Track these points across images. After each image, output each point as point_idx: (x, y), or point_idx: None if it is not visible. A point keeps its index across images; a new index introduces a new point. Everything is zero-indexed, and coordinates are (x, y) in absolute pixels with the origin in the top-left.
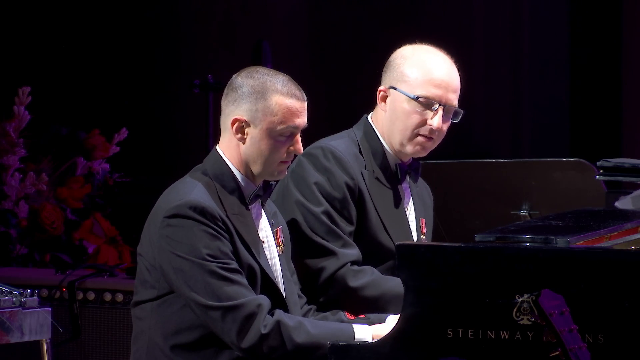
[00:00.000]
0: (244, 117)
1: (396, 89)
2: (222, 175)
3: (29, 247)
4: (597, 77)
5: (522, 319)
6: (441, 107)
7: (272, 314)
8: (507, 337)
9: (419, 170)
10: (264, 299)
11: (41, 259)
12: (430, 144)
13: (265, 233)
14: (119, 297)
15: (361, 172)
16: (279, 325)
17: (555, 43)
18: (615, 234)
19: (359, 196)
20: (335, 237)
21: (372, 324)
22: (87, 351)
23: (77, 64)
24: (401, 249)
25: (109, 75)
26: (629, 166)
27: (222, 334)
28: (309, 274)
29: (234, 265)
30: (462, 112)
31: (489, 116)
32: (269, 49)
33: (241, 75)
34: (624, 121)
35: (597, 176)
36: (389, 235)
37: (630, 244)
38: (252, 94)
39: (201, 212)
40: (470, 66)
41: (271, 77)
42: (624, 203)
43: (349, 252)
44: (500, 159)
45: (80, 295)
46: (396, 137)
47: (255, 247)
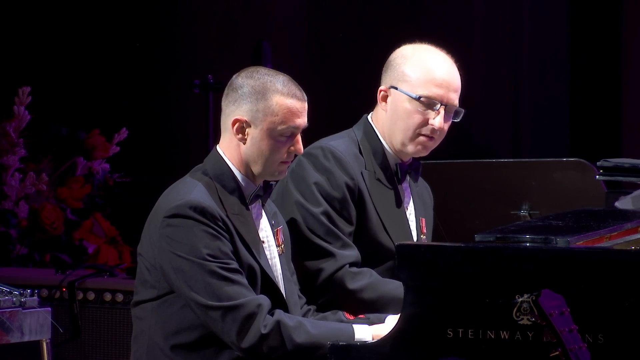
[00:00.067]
0: (244, 118)
1: (397, 89)
2: (222, 175)
3: (29, 247)
4: (597, 77)
5: (522, 319)
6: (443, 107)
7: (272, 314)
8: (507, 337)
9: (419, 170)
10: (264, 299)
11: (41, 259)
12: (431, 144)
13: (265, 233)
14: (119, 297)
15: (361, 172)
16: (279, 325)
17: (555, 43)
18: (615, 234)
19: (358, 196)
20: (334, 238)
21: (372, 324)
22: (87, 351)
23: (77, 64)
24: (401, 249)
25: (109, 75)
26: (629, 166)
27: (222, 334)
28: (308, 275)
29: (234, 265)
30: (463, 111)
31: (489, 116)
32: (269, 49)
33: (241, 76)
34: (624, 121)
35: (597, 176)
36: (388, 236)
37: (630, 244)
38: (252, 94)
39: (201, 212)
40: (470, 66)
41: (272, 78)
42: (624, 203)
43: (347, 254)
44: (500, 159)
45: (80, 295)
46: (397, 137)
47: (256, 247)
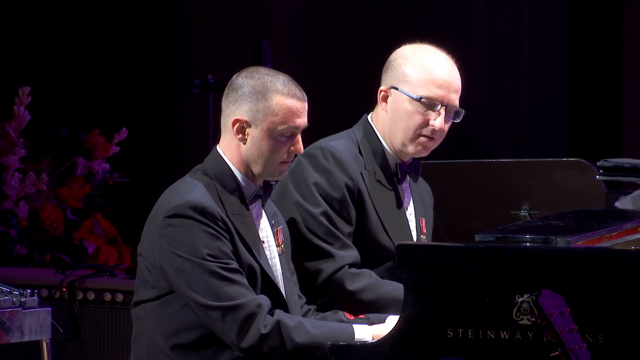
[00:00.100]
0: (244, 118)
1: (397, 89)
2: (222, 175)
3: (29, 247)
4: (597, 77)
5: (522, 319)
6: (443, 108)
7: (272, 314)
8: (507, 337)
9: (419, 170)
10: (264, 299)
11: (41, 259)
12: (431, 144)
13: (265, 233)
14: (119, 297)
15: (361, 173)
16: (279, 325)
17: (555, 43)
18: (615, 234)
19: (358, 197)
20: (333, 239)
21: (372, 324)
22: (87, 351)
23: (77, 64)
24: (401, 249)
25: (108, 76)
26: (629, 166)
27: (222, 334)
28: (307, 276)
29: (234, 265)
30: (464, 112)
31: (489, 116)
32: (269, 49)
33: (241, 76)
34: (624, 121)
35: (597, 176)
36: (388, 236)
37: (630, 244)
38: (252, 94)
39: (201, 212)
40: (470, 66)
41: (272, 78)
42: (624, 203)
43: (346, 255)
44: (500, 159)
45: (80, 295)
46: (398, 137)
47: (256, 247)
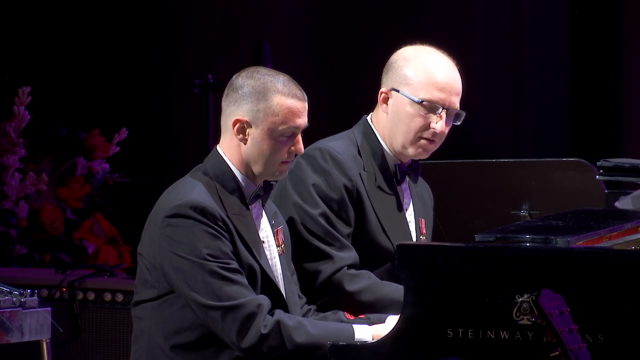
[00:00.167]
0: (245, 118)
1: (399, 92)
2: (222, 175)
3: (29, 247)
4: (597, 77)
5: (522, 319)
6: (444, 111)
7: (272, 314)
8: (507, 337)
9: (418, 170)
10: (264, 299)
11: (41, 259)
12: (432, 147)
13: (265, 233)
14: (119, 297)
15: (360, 174)
16: (279, 325)
17: (555, 43)
18: (615, 234)
19: (357, 198)
20: (332, 240)
21: (372, 324)
22: (87, 351)
23: (77, 64)
24: (401, 249)
25: (108, 76)
26: (629, 166)
27: (222, 333)
28: (306, 277)
29: (234, 265)
30: (464, 114)
31: (489, 116)
32: (269, 49)
33: (242, 76)
34: (624, 121)
35: (597, 176)
36: (387, 237)
37: (630, 244)
38: (253, 94)
39: (201, 211)
40: (470, 66)
41: (272, 78)
42: (624, 203)
43: (345, 256)
44: (500, 159)
45: (80, 295)
46: (398, 140)
47: (256, 247)
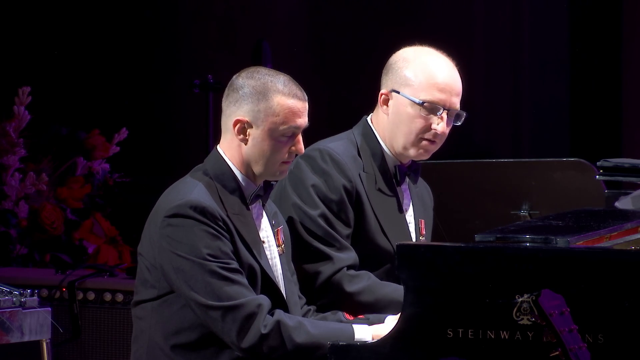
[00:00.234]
0: (246, 118)
1: (399, 93)
2: (222, 175)
3: (29, 247)
4: (597, 77)
5: (522, 319)
6: (445, 112)
7: (272, 314)
8: (507, 337)
9: (418, 171)
10: (264, 299)
11: (41, 259)
12: (433, 147)
13: (265, 233)
14: (119, 297)
15: (359, 175)
16: (279, 325)
17: (555, 43)
18: (615, 234)
19: (356, 199)
20: (331, 241)
21: (371, 324)
22: (87, 351)
23: (77, 64)
24: (401, 249)
25: (108, 75)
26: (629, 166)
27: (222, 333)
28: (306, 278)
29: (235, 265)
30: (465, 114)
31: (489, 116)
32: (269, 49)
33: (242, 76)
34: (624, 121)
35: (597, 176)
36: (387, 238)
37: (630, 244)
38: (253, 94)
39: (202, 211)
40: (470, 66)
41: (272, 78)
42: (624, 203)
43: (345, 256)
44: (500, 159)
45: (80, 295)
46: (399, 141)
47: (256, 247)
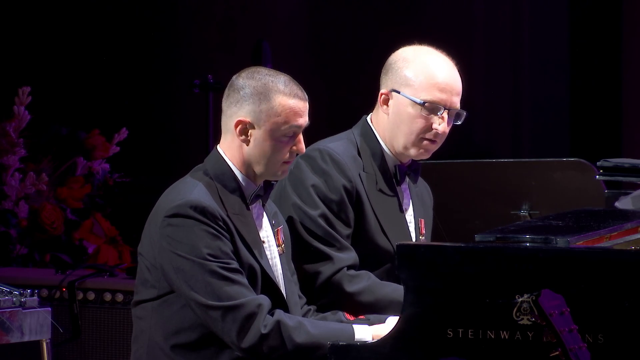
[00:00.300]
0: (247, 119)
1: (399, 93)
2: (222, 175)
3: (29, 247)
4: (597, 77)
5: (522, 319)
6: (446, 111)
7: (272, 314)
8: (507, 337)
9: (418, 171)
10: (264, 299)
11: (41, 259)
12: (434, 147)
13: (266, 233)
14: (119, 297)
15: (359, 174)
16: (279, 325)
17: (555, 43)
18: (615, 234)
19: (356, 199)
20: (331, 241)
21: (371, 324)
22: (87, 351)
23: (77, 64)
24: (401, 248)
25: (108, 76)
26: (629, 166)
27: (222, 333)
28: (306, 278)
29: (235, 265)
30: (465, 113)
31: (489, 116)
32: (269, 49)
33: (242, 76)
34: (624, 121)
35: (597, 176)
36: (387, 238)
37: (630, 244)
38: (254, 95)
39: (202, 211)
40: (470, 66)
41: (273, 78)
42: (624, 203)
43: (345, 256)
44: (500, 159)
45: (80, 295)
46: (400, 141)
47: (256, 247)
